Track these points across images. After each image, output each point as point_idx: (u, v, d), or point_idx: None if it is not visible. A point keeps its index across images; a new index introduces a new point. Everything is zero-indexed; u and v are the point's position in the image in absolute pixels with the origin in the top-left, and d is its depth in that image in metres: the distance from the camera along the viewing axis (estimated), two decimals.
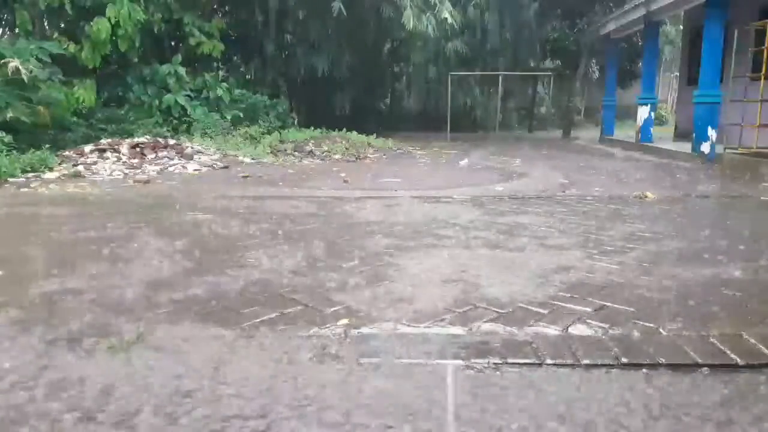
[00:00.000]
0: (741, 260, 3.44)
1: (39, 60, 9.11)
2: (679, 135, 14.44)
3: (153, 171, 7.99)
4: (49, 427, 1.59)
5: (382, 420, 1.63)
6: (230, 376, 1.89)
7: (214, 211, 4.99)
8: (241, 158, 9.67)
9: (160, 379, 1.86)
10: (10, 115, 8.15)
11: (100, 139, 9.69)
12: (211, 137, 11.36)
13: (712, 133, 10.05)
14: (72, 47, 10.77)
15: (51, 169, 7.62)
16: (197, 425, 1.60)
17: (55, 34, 11.56)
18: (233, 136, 11.97)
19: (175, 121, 11.86)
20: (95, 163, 8.30)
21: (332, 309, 2.51)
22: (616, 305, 2.58)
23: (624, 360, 2.01)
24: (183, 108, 11.94)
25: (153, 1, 11.69)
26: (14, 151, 7.68)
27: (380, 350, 2.10)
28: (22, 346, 2.12)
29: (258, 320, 2.38)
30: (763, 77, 8.69)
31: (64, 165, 7.99)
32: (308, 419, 1.64)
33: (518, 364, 1.99)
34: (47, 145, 8.24)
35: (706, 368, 1.96)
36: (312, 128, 13.97)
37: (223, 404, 1.71)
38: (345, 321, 2.37)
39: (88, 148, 8.88)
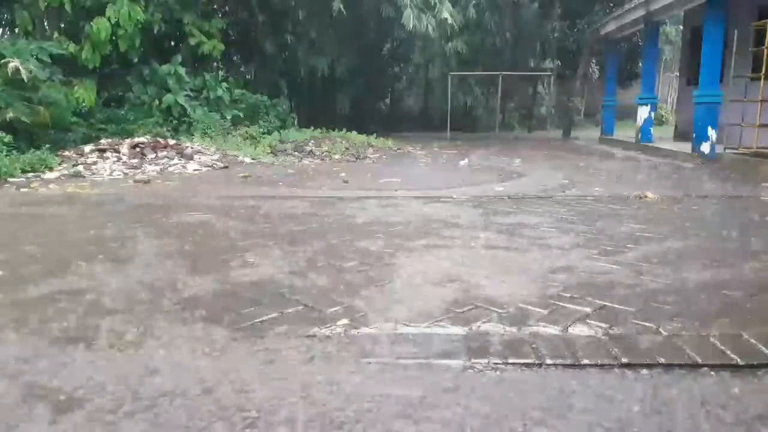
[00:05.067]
0: (741, 260, 3.44)
1: (39, 60, 9.11)
2: (679, 135, 14.43)
3: (153, 171, 7.98)
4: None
5: (383, 420, 1.64)
6: (229, 376, 1.89)
7: (214, 212, 4.99)
8: (241, 158, 9.67)
9: (159, 379, 1.87)
10: (10, 115, 8.16)
11: (100, 139, 9.69)
12: (211, 137, 11.35)
13: (712, 133, 10.05)
14: (72, 47, 10.76)
15: (51, 169, 7.63)
16: (189, 424, 1.61)
17: (55, 34, 11.55)
18: (233, 136, 11.96)
19: (175, 121, 11.86)
20: (95, 163, 8.30)
21: (332, 309, 2.51)
22: (616, 305, 2.58)
23: (624, 360, 2.01)
24: (183, 108, 11.93)
25: (153, 1, 11.69)
26: (14, 151, 7.69)
27: (380, 350, 2.10)
28: (20, 346, 2.12)
29: (258, 320, 2.38)
30: (763, 77, 8.70)
31: (64, 165, 8.00)
32: (308, 419, 1.64)
33: (518, 364, 1.99)
34: (47, 145, 8.24)
35: (706, 368, 1.96)
36: (312, 128, 13.98)
37: (221, 405, 1.71)
38: (345, 321, 2.37)
39: (88, 148, 8.88)
